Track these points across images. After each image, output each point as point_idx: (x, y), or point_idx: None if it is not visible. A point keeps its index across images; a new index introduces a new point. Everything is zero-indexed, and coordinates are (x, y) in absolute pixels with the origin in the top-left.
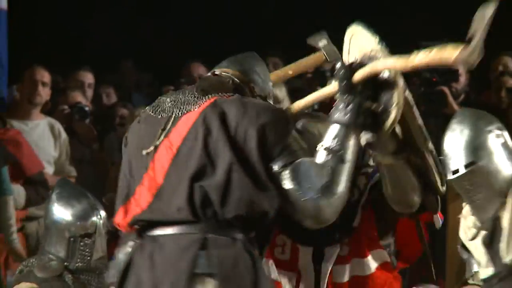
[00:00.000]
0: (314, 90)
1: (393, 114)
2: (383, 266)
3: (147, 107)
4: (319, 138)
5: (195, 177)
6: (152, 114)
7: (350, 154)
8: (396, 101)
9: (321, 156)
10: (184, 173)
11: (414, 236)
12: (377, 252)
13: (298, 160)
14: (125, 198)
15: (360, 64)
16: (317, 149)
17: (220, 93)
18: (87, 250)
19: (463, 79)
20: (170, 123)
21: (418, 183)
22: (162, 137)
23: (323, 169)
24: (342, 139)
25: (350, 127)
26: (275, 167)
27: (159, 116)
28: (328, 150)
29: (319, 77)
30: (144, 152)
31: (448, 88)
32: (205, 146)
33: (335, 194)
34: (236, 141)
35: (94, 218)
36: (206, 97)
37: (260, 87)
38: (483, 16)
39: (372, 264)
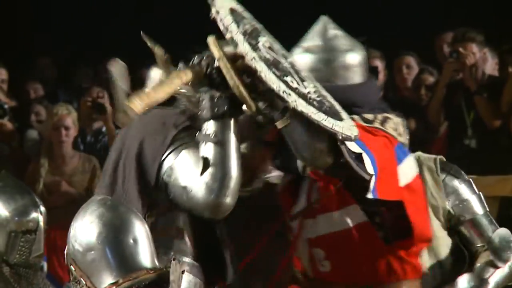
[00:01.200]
0: None
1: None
2: (362, 226)
3: None
4: None
5: None
6: None
7: (229, 138)
8: (230, 83)
9: (204, 150)
10: None
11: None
12: (352, 207)
13: (180, 155)
14: None
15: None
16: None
17: None
18: (27, 246)
19: (381, 76)
20: None
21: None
22: None
23: (208, 162)
24: (216, 128)
25: (216, 120)
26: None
27: None
28: (207, 139)
29: None
30: None
31: None
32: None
33: (227, 187)
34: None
35: (35, 214)
36: None
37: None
38: None
39: (347, 219)
